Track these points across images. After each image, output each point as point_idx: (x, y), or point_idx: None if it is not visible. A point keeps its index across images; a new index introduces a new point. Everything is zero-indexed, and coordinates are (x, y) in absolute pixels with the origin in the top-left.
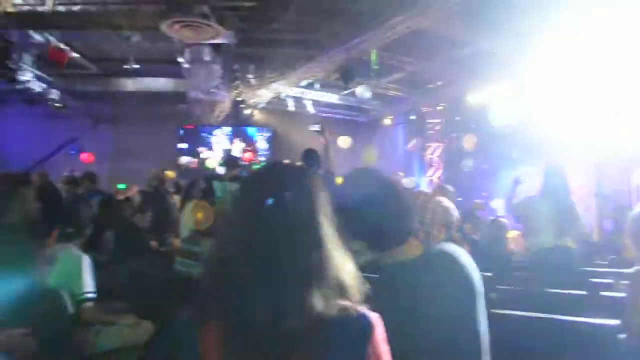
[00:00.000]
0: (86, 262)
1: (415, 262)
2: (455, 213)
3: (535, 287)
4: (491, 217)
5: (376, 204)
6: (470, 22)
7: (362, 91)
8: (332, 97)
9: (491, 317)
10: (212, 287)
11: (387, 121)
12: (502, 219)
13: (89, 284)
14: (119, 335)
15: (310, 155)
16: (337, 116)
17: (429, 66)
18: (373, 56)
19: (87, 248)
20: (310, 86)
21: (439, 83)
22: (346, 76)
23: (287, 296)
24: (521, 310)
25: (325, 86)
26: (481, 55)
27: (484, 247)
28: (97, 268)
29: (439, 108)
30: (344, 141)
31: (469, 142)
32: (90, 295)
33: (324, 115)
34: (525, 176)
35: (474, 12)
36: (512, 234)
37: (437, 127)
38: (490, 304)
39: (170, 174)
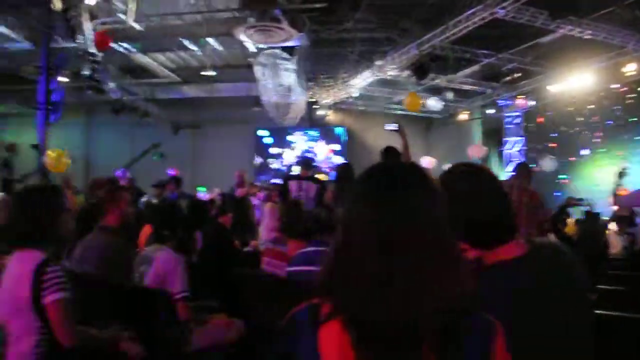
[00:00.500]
0: (181, 262)
1: (521, 261)
2: (547, 209)
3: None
4: (584, 209)
5: (478, 201)
6: (550, 7)
7: (434, 104)
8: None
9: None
10: (337, 286)
11: (463, 116)
12: (597, 213)
13: (184, 284)
14: (212, 333)
15: (391, 153)
16: (411, 113)
17: (506, 57)
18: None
19: (179, 249)
20: (383, 84)
21: (517, 75)
22: (420, 72)
23: (418, 295)
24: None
25: (397, 84)
26: (562, 42)
27: (579, 243)
28: (188, 268)
29: (518, 101)
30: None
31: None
32: (185, 294)
33: (397, 112)
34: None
35: None
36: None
37: (516, 121)
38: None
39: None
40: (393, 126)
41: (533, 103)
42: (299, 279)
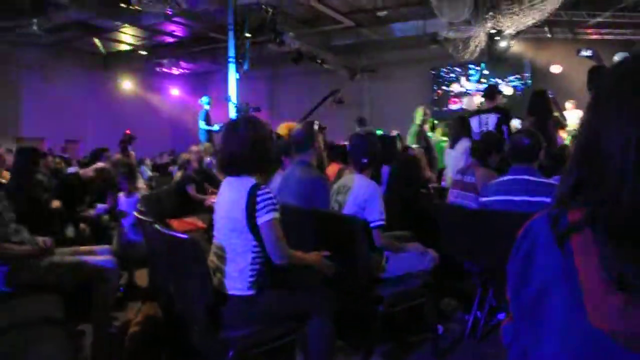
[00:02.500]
0: (378, 190)
1: None
2: None
3: None
4: None
5: None
6: None
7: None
8: (602, 15)
9: None
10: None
11: None
12: None
13: (381, 211)
14: (406, 261)
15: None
16: (608, 37)
17: None
18: None
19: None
20: (573, 6)
21: None
22: None
23: None
24: None
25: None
26: None
27: None
28: None
29: None
30: None
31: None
32: (381, 222)
33: (591, 38)
34: None
35: None
36: None
37: None
38: None
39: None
40: (588, 52)
41: None
42: (493, 208)
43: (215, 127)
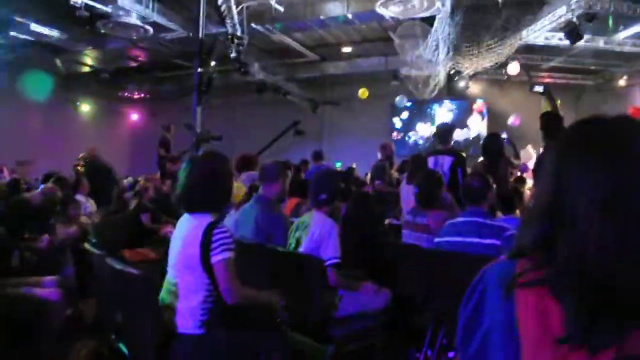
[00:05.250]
0: (335, 228)
1: None
2: None
3: None
4: None
5: None
6: None
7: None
8: (554, 60)
9: None
10: (568, 255)
11: (622, 82)
12: None
13: (336, 249)
14: (360, 300)
15: (551, 119)
16: (559, 80)
17: None
18: None
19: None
20: (529, 50)
21: None
22: (572, 33)
23: None
24: None
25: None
26: None
27: None
28: None
29: None
30: None
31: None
32: (336, 261)
33: (546, 80)
34: None
35: None
36: None
37: None
38: None
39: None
40: (540, 88)
41: None
42: (448, 250)
43: (175, 155)
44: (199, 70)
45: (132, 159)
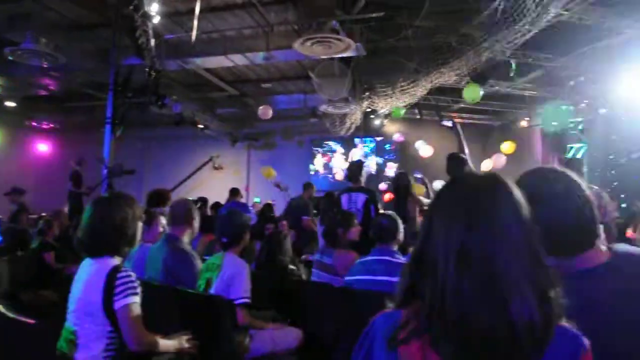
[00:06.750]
0: (246, 268)
1: (605, 269)
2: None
3: None
4: None
5: (563, 206)
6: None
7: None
8: (464, 102)
9: None
10: (432, 304)
11: (524, 123)
12: None
13: (246, 289)
14: (271, 340)
15: (456, 159)
16: (468, 120)
17: (569, 61)
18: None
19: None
20: (440, 92)
21: (581, 79)
22: (479, 79)
23: (510, 307)
24: None
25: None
26: (631, 43)
27: None
28: None
29: (581, 106)
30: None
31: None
32: (246, 300)
33: (455, 121)
34: None
35: None
36: None
37: (579, 126)
38: None
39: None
40: (449, 122)
41: None
42: (358, 288)
43: (83, 190)
44: (113, 101)
45: (38, 192)
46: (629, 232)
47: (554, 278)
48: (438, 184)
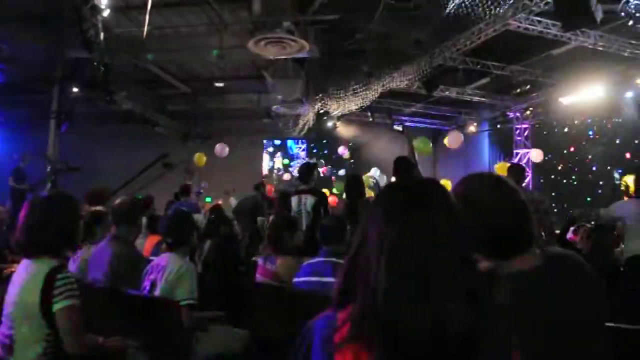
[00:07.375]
0: (191, 269)
1: (539, 271)
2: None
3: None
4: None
5: (499, 211)
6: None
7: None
8: (415, 106)
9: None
10: (364, 308)
11: (472, 128)
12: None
13: (191, 290)
14: (217, 342)
15: (403, 163)
16: (420, 125)
17: (517, 69)
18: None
19: (189, 257)
20: (391, 96)
21: (527, 87)
22: (429, 84)
23: (441, 310)
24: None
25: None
26: (577, 54)
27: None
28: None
29: (527, 113)
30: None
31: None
32: (191, 301)
33: (407, 124)
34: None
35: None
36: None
37: (526, 133)
38: None
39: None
40: (399, 127)
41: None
42: (305, 290)
43: (26, 187)
44: (59, 95)
45: None
46: (570, 235)
47: (485, 281)
48: (374, 172)
